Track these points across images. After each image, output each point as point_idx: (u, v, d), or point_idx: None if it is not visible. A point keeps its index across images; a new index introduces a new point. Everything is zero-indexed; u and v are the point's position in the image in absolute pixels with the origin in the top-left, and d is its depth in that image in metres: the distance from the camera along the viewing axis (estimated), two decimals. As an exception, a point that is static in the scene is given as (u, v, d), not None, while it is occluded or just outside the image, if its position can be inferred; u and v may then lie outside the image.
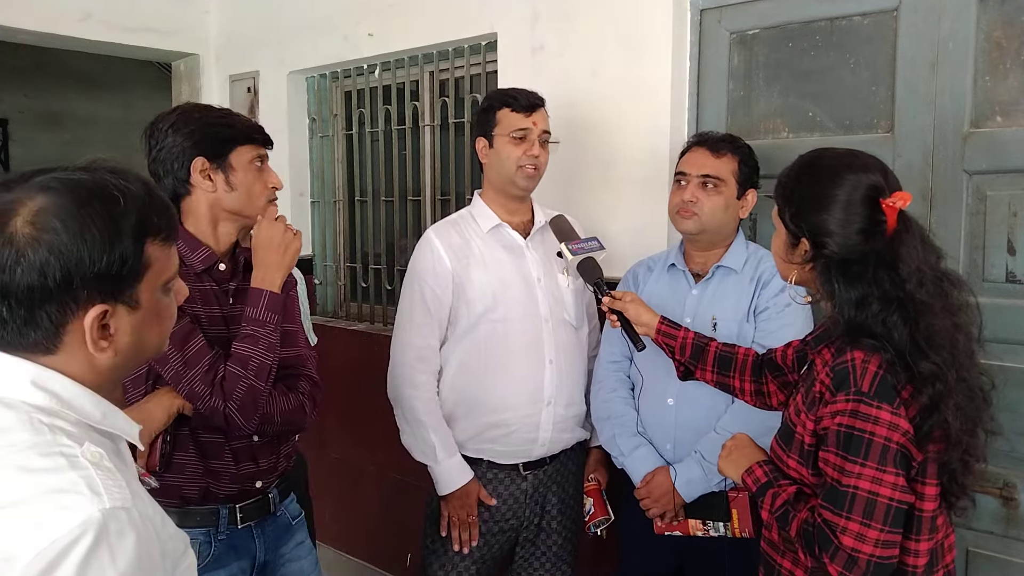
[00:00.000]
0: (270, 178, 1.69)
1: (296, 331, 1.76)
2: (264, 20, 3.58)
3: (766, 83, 2.25)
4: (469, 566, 2.10)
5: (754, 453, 1.49)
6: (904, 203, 1.30)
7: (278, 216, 1.69)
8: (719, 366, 1.69)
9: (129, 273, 0.93)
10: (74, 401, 0.92)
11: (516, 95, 2.06)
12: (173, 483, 1.62)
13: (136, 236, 0.93)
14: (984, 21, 1.89)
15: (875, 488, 1.24)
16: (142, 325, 0.96)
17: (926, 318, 1.26)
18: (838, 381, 1.29)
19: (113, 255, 0.90)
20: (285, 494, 1.81)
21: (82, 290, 0.89)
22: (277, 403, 1.64)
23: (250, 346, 1.57)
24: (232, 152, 1.63)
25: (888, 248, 1.29)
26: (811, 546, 1.30)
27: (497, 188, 2.10)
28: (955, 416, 1.25)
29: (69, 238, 0.88)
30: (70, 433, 0.89)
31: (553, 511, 2.16)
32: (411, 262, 2.13)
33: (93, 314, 0.91)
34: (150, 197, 0.96)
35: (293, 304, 1.78)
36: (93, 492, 0.83)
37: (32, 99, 6.55)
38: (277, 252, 1.64)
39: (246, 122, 1.70)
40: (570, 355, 2.12)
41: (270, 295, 1.61)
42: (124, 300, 0.93)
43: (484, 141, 2.08)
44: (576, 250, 1.85)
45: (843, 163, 1.36)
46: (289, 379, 1.71)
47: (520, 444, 2.08)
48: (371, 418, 2.49)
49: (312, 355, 1.80)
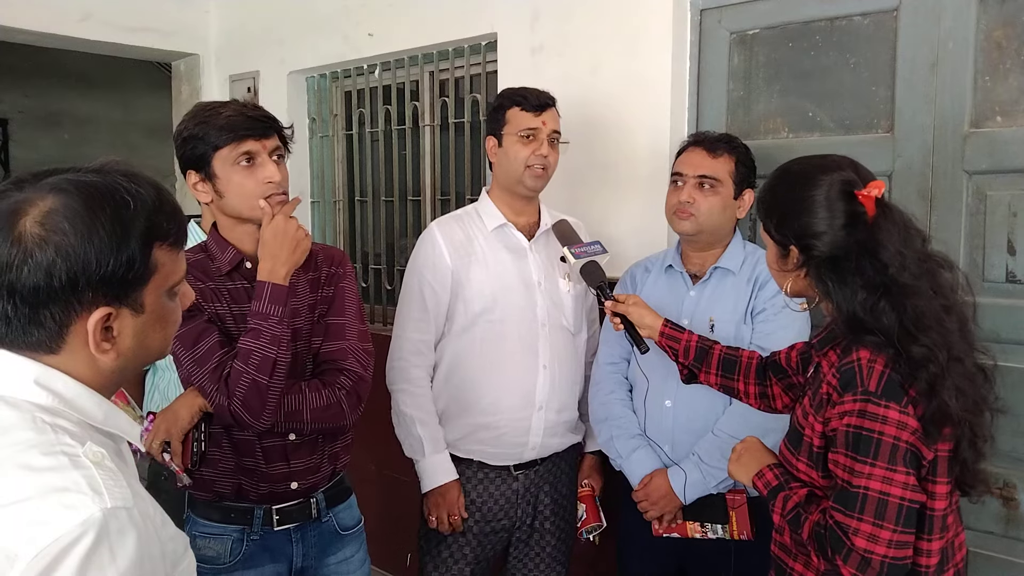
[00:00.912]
0: (262, 173, 1.59)
1: (344, 324, 1.70)
2: (264, 20, 3.58)
3: (766, 83, 2.25)
4: (463, 567, 2.10)
5: (764, 456, 1.49)
6: (879, 191, 1.32)
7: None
8: (723, 369, 1.69)
9: (135, 277, 0.93)
10: (76, 401, 0.92)
11: (526, 94, 2.04)
12: (208, 478, 1.63)
13: (144, 240, 0.93)
14: (984, 21, 1.89)
15: (886, 488, 1.24)
16: (146, 329, 0.96)
17: (912, 300, 1.27)
18: (845, 381, 1.29)
19: (120, 259, 0.90)
20: (335, 500, 1.77)
21: (87, 292, 0.90)
22: (307, 399, 1.61)
23: (252, 340, 1.54)
24: (212, 160, 1.58)
25: (868, 237, 1.30)
26: (823, 548, 1.30)
27: (505, 187, 2.10)
28: (952, 396, 1.24)
29: (77, 240, 0.88)
30: (72, 433, 0.89)
31: (546, 511, 2.15)
32: (412, 255, 2.12)
33: (96, 316, 0.91)
34: (160, 201, 0.96)
35: (342, 296, 1.73)
36: (95, 491, 0.83)
37: (32, 99, 6.55)
38: (287, 247, 1.58)
39: (224, 122, 1.57)
40: (565, 361, 2.11)
41: (273, 287, 1.57)
42: (129, 303, 0.93)
43: (494, 140, 2.08)
44: (579, 254, 1.84)
45: (813, 166, 1.38)
46: (327, 374, 1.66)
47: (510, 447, 2.07)
48: (371, 418, 2.48)
49: (363, 349, 1.71)
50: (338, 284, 1.73)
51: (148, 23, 3.61)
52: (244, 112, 1.60)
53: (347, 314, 1.72)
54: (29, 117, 6.62)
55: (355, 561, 1.79)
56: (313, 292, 1.72)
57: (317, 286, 1.73)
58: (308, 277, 1.71)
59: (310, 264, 1.72)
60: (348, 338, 1.70)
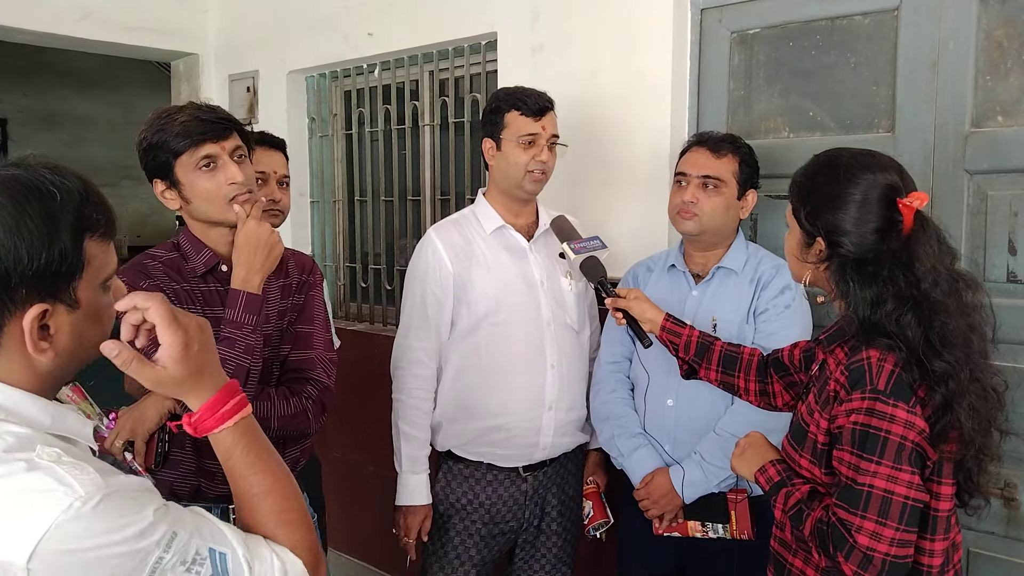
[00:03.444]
0: (224, 175, 1.57)
1: (310, 332, 1.71)
2: (263, 20, 3.58)
3: (767, 82, 2.25)
4: (469, 569, 2.09)
5: (768, 452, 1.49)
6: (921, 203, 1.30)
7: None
8: (724, 365, 1.69)
9: (68, 271, 0.89)
10: (18, 409, 0.89)
11: (526, 98, 2.02)
12: (165, 479, 1.61)
13: (74, 232, 0.90)
14: (985, 20, 1.88)
15: (890, 487, 1.24)
16: (82, 325, 0.93)
17: (940, 317, 1.26)
18: (854, 379, 1.29)
19: (52, 252, 0.87)
20: None
21: (20, 289, 0.86)
22: (276, 407, 1.61)
23: (226, 349, 1.53)
24: (174, 167, 1.57)
25: (904, 247, 1.29)
26: (825, 545, 1.30)
27: (503, 190, 2.09)
28: (968, 416, 1.24)
29: (5, 235, 0.85)
30: (19, 439, 0.86)
31: (553, 513, 2.15)
32: (411, 262, 2.12)
33: (32, 314, 0.87)
34: (87, 192, 0.93)
35: (311, 305, 1.74)
36: (63, 484, 0.82)
37: (31, 99, 6.55)
38: (260, 253, 1.58)
39: (180, 128, 1.55)
40: (572, 359, 2.11)
41: (248, 296, 1.56)
42: (63, 299, 0.90)
43: (491, 143, 2.06)
44: (578, 249, 1.84)
45: (859, 162, 1.35)
46: (295, 383, 1.67)
47: (521, 448, 2.07)
48: (371, 418, 2.48)
49: (328, 358, 1.74)
50: (308, 292, 1.72)
51: (147, 23, 3.61)
52: (199, 116, 1.57)
53: (315, 323, 1.73)
54: (28, 117, 6.62)
55: None
56: (284, 298, 1.72)
57: (288, 292, 1.73)
58: (279, 283, 1.71)
59: (281, 270, 1.71)
60: (315, 347, 1.71)
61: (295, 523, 1.02)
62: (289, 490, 1.04)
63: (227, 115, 1.63)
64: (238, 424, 1.02)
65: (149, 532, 0.85)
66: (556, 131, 2.06)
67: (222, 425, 1.01)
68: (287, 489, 1.04)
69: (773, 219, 2.22)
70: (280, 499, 1.02)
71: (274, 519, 1.01)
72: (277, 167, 2.28)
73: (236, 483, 1.02)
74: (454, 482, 2.10)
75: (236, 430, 1.02)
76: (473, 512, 2.09)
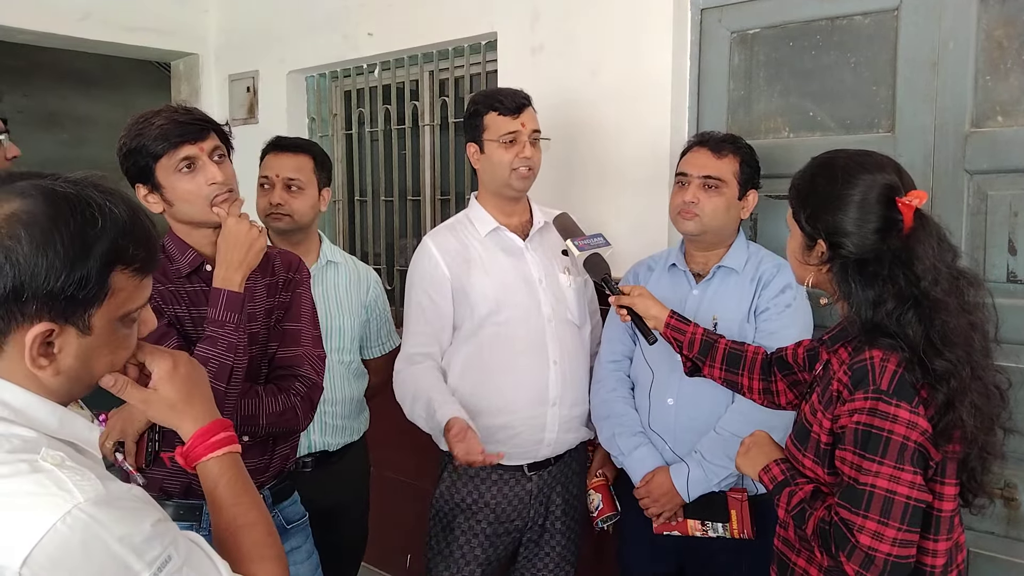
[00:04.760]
0: (204, 176, 1.56)
1: (298, 330, 1.72)
2: (263, 20, 3.58)
3: (767, 82, 2.25)
4: (474, 569, 2.09)
5: (772, 451, 1.49)
6: (920, 201, 1.30)
7: (241, 214, 1.62)
8: (728, 363, 1.69)
9: (86, 298, 0.88)
10: (28, 410, 0.89)
11: (501, 98, 2.04)
12: (156, 476, 1.62)
13: (105, 261, 0.89)
14: (985, 20, 1.88)
15: (893, 487, 1.24)
16: (91, 351, 0.92)
17: (941, 316, 1.26)
18: (856, 379, 1.29)
19: (72, 276, 0.86)
20: (281, 496, 1.78)
21: (31, 304, 0.86)
22: (264, 404, 1.61)
23: (209, 347, 1.53)
24: (155, 171, 1.57)
25: (904, 246, 1.29)
26: (828, 545, 1.30)
27: (493, 191, 2.10)
28: (970, 414, 1.24)
29: (30, 250, 0.85)
30: (26, 442, 0.86)
31: (557, 511, 2.15)
32: (410, 270, 2.13)
33: (36, 331, 0.87)
34: (133, 224, 0.92)
35: (299, 302, 1.74)
36: (63, 490, 0.81)
37: (31, 99, 6.55)
38: (239, 250, 1.57)
39: (157, 131, 1.55)
40: (574, 355, 2.12)
41: (228, 294, 1.56)
42: (76, 323, 0.89)
43: (475, 147, 2.08)
44: (582, 246, 1.84)
45: (857, 163, 1.35)
46: (284, 380, 1.68)
47: (526, 445, 2.07)
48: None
49: (316, 355, 1.75)
50: (295, 290, 1.72)
51: (147, 23, 3.61)
52: (175, 118, 1.57)
53: (303, 320, 1.74)
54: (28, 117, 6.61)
55: (302, 552, 1.80)
56: (270, 296, 1.72)
57: (275, 291, 1.73)
58: (265, 281, 1.71)
59: (267, 268, 1.71)
60: (303, 344, 1.72)
61: (274, 559, 1.06)
62: (270, 526, 1.08)
63: (204, 116, 1.62)
64: (226, 456, 1.07)
65: (145, 546, 0.85)
66: (537, 126, 2.07)
67: (211, 453, 1.06)
68: (268, 525, 1.07)
69: (773, 219, 2.22)
70: (263, 534, 1.06)
71: (257, 553, 1.04)
72: (281, 170, 2.26)
73: (220, 514, 1.06)
74: (459, 482, 2.10)
75: (224, 461, 1.07)
76: (478, 512, 2.09)
